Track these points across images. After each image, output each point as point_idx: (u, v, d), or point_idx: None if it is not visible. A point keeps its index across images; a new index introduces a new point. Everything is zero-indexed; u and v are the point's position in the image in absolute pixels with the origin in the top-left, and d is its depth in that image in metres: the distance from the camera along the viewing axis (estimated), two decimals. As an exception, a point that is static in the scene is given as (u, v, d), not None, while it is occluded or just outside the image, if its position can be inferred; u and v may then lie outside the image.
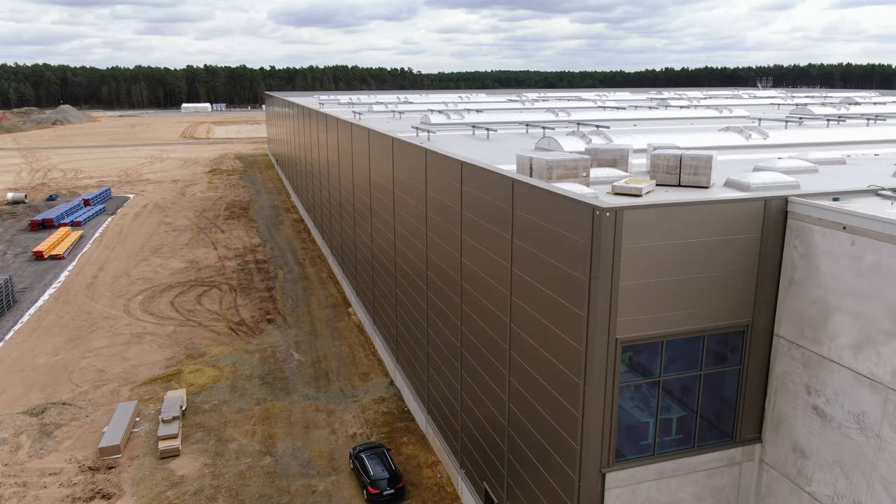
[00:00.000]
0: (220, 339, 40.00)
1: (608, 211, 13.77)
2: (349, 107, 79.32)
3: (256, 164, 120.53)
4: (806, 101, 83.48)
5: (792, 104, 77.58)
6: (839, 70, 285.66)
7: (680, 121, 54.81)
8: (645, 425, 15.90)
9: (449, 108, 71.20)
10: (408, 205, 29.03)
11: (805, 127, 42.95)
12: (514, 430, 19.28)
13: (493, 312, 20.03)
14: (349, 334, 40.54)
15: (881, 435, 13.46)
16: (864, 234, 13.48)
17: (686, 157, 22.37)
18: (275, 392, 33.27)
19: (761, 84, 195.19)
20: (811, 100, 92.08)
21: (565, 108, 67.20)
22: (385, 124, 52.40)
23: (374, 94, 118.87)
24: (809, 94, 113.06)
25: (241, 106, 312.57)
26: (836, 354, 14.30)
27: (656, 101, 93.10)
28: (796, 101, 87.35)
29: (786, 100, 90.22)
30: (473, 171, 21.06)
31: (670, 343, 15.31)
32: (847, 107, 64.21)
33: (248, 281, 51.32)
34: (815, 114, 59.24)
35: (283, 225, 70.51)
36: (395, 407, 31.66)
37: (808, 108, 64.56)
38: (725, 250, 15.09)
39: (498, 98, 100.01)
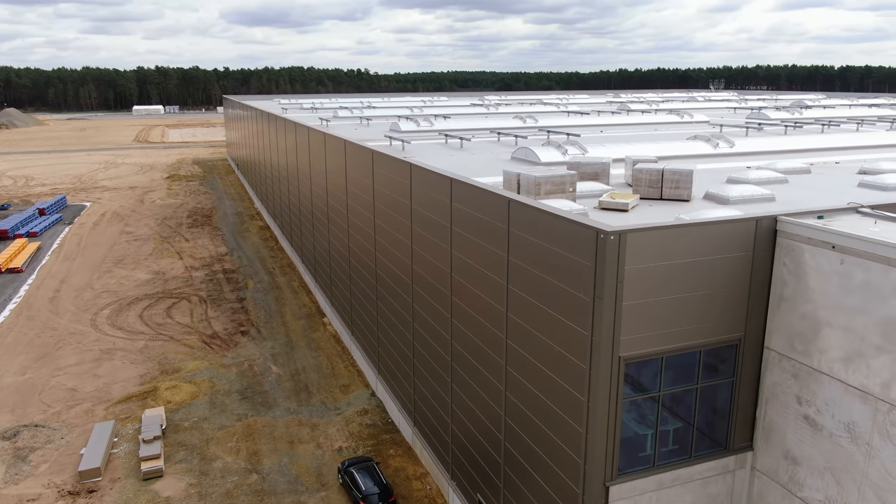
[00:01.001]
0: (194, 354, 39.39)
1: (612, 234, 14.19)
2: (312, 112, 78.81)
3: (216, 169, 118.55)
4: (760, 105, 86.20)
5: (747, 108, 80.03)
6: (785, 71, 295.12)
7: (644, 126, 56.08)
8: (644, 438, 16.40)
9: (415, 114, 71.36)
10: (390, 218, 29.13)
11: (766, 134, 44.45)
12: (511, 444, 19.61)
13: (488, 328, 20.32)
14: (326, 345, 40.37)
15: (871, 443, 14.20)
16: (853, 253, 14.20)
17: (667, 172, 23.05)
18: (256, 407, 32.97)
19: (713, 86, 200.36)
20: (764, 103, 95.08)
21: (531, 112, 67.98)
22: (354, 132, 52.33)
23: (334, 97, 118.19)
24: (761, 96, 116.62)
25: (194, 108, 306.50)
26: (827, 367, 15.01)
27: (616, 104, 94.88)
28: (750, 104, 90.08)
29: (740, 103, 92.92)
30: (464, 189, 21.31)
31: (669, 359, 15.84)
32: (800, 111, 66.57)
33: (217, 292, 50.59)
34: (771, 118, 61.24)
35: (248, 233, 69.63)
36: (378, 419, 31.71)
37: (763, 112, 66.70)
38: (720, 268, 15.69)
39: (461, 102, 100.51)
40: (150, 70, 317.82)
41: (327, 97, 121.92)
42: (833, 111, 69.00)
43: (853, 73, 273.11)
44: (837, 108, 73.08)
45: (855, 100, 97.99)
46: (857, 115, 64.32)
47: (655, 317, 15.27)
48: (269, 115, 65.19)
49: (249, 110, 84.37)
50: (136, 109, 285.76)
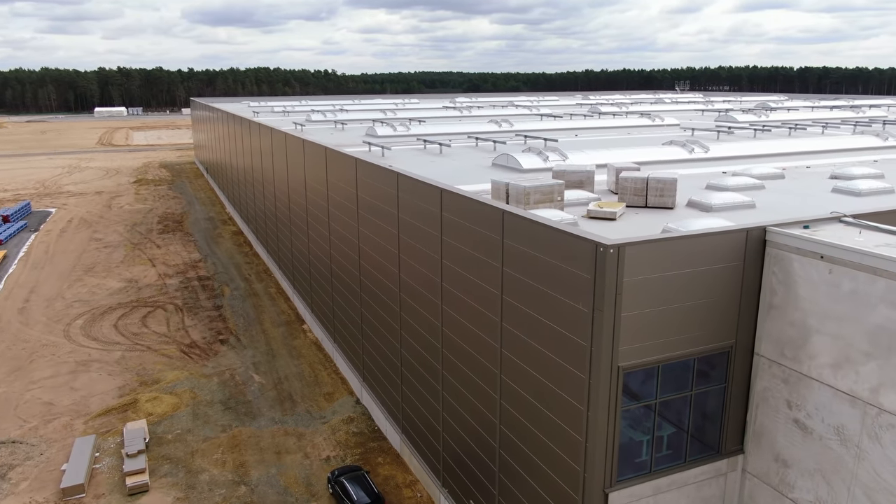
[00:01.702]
0: (173, 364, 38.87)
1: (612, 248, 14.50)
2: (284, 115, 78.24)
3: (184, 172, 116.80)
4: (727, 107, 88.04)
5: (714, 110, 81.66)
6: (746, 72, 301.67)
7: (617, 130, 56.90)
8: (641, 444, 16.77)
9: (389, 118, 71.33)
10: (375, 226, 29.16)
11: (737, 138, 45.51)
12: (506, 451, 19.85)
13: (481, 337, 20.53)
14: (307, 353, 40.18)
15: (861, 445, 14.76)
16: (840, 263, 14.74)
17: (652, 181, 23.54)
18: (240, 417, 32.70)
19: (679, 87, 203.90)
20: (730, 104, 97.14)
21: (505, 116, 68.49)
22: (330, 136, 52.14)
23: (304, 99, 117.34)
24: (726, 97, 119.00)
25: (158, 110, 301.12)
26: (816, 372, 15.55)
27: (587, 106, 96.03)
28: (716, 105, 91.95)
29: (706, 105, 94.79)
30: (455, 199, 21.49)
31: (664, 367, 16.23)
32: (766, 113, 68.19)
33: (193, 300, 49.96)
34: (739, 121, 62.70)
35: (222, 238, 68.82)
36: (365, 427, 31.71)
37: (730, 114, 68.21)
38: (712, 278, 16.13)
39: (433, 104, 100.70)
40: (112, 71, 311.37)
41: (297, 99, 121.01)
42: (797, 113, 70.85)
43: (812, 74, 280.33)
44: (801, 111, 75.10)
45: (816, 101, 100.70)
46: (820, 118, 66.15)
47: (652, 327, 15.63)
48: (242, 119, 64.54)
49: (219, 113, 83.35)
50: (97, 111, 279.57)
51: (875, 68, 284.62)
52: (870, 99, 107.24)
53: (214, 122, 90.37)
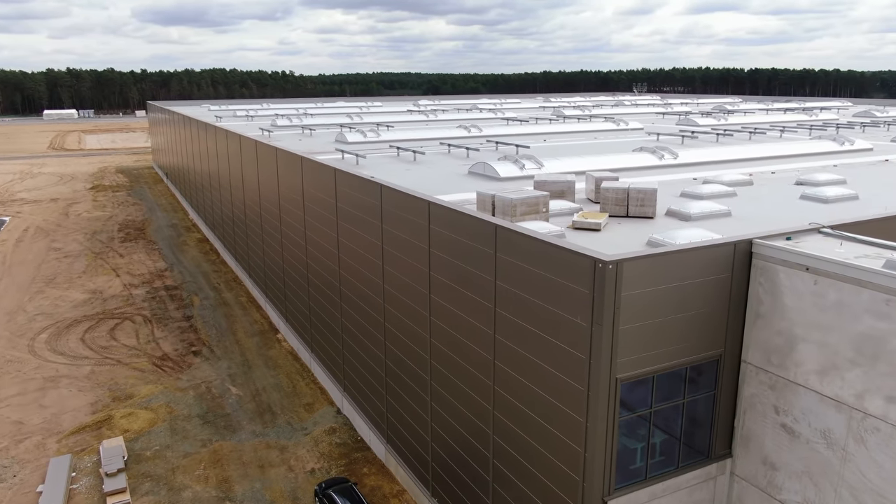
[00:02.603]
0: (145, 378, 38.13)
1: (611, 264, 14.90)
2: (248, 120, 77.35)
3: (143, 178, 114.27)
4: (686, 110, 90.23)
5: (674, 113, 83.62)
6: (700, 73, 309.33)
7: (585, 134, 57.85)
8: (636, 452, 17.25)
9: (355, 122, 71.15)
10: (357, 237, 29.16)
11: (703, 144, 46.78)
12: (501, 461, 20.14)
13: (473, 349, 20.77)
14: (284, 363, 39.86)
15: (847, 448, 15.47)
16: (825, 274, 15.42)
17: (632, 191, 24.13)
18: (219, 431, 32.29)
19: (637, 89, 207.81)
20: (688, 107, 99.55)
21: (473, 120, 68.98)
22: (299, 142, 51.84)
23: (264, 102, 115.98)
24: (683, 100, 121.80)
25: (111, 112, 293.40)
26: (803, 379, 16.23)
27: (549, 109, 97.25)
28: (675, 108, 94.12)
29: (666, 108, 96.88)
30: (444, 212, 21.69)
31: (659, 377, 16.72)
32: (725, 117, 70.10)
33: (162, 310, 49.04)
34: (700, 125, 64.39)
35: (187, 246, 67.63)
36: (348, 437, 31.66)
37: (690, 118, 70.00)
38: (703, 289, 16.69)
39: (396, 107, 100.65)
40: (61, 72, 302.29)
41: (257, 103, 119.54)
42: (754, 117, 73.04)
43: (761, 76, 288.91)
44: (757, 114, 77.45)
45: (770, 104, 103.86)
46: (777, 122, 68.35)
47: (648, 338, 16.10)
48: (207, 125, 63.55)
49: (180, 118, 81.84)
50: (46, 114, 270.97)
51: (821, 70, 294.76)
52: (819, 101, 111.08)
53: (175, 127, 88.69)
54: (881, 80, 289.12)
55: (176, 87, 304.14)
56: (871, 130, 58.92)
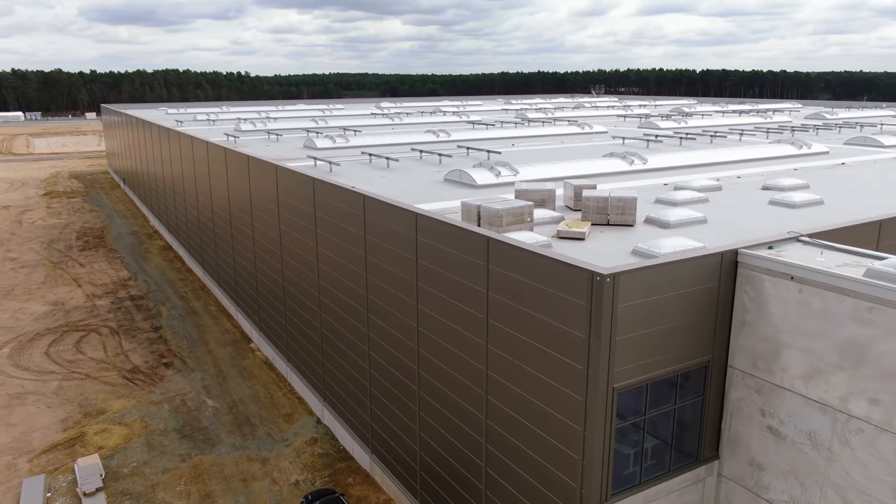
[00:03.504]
0: (117, 392, 37.31)
1: (608, 277, 15.31)
2: (210, 124, 76.15)
3: (98, 183, 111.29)
4: (645, 112, 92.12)
5: (634, 115, 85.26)
6: (653, 75, 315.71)
7: (552, 139, 58.61)
8: (630, 457, 17.72)
9: (321, 126, 70.68)
10: (338, 247, 29.10)
11: (669, 148, 47.94)
12: (494, 469, 20.41)
13: (465, 360, 20.99)
14: (259, 373, 39.46)
15: (832, 449, 16.19)
16: (810, 283, 16.12)
17: (613, 199, 24.70)
18: (198, 445, 31.82)
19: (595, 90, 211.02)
20: (646, 109, 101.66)
21: (440, 123, 69.26)
22: (266, 148, 51.34)
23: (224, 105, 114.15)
24: (640, 101, 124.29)
25: (60, 114, 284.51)
26: (789, 383, 16.92)
27: (512, 111, 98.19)
28: (635, 111, 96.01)
29: (625, 110, 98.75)
30: (432, 224, 21.87)
31: (652, 384, 17.22)
32: (685, 119, 71.87)
33: (128, 321, 47.99)
34: (661, 128, 65.89)
35: (150, 254, 66.22)
36: (330, 447, 31.55)
37: (651, 120, 71.58)
38: (692, 298, 17.25)
39: (359, 110, 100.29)
40: (6, 73, 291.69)
41: (216, 105, 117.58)
42: (711, 119, 75.07)
43: (713, 77, 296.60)
44: (714, 116, 79.62)
45: (724, 105, 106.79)
46: (735, 124, 70.36)
47: (642, 347, 16.58)
48: (170, 130, 62.36)
49: (139, 122, 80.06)
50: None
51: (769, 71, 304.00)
52: (771, 103, 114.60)
53: (132, 131, 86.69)
54: (825, 80, 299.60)
55: (128, 89, 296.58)
56: (824, 133, 61.19)
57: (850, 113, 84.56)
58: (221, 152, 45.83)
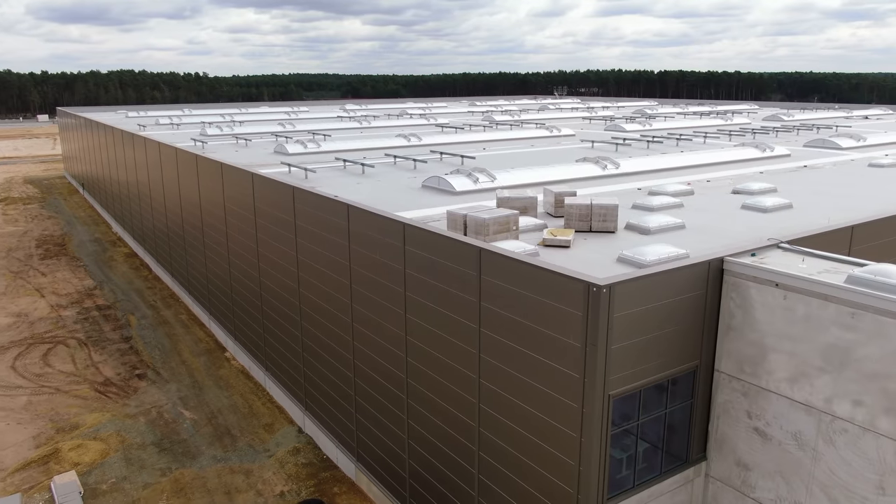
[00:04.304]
0: (89, 405, 36.52)
1: (605, 288, 15.69)
2: (174, 129, 74.87)
3: (55, 188, 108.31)
4: (609, 114, 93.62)
5: (599, 118, 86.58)
6: (613, 75, 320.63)
7: (522, 142, 59.18)
8: (624, 462, 18.16)
9: (289, 130, 70.08)
10: (320, 256, 29.02)
11: (637, 151, 48.89)
12: (488, 476, 20.67)
13: (456, 368, 21.20)
14: (236, 382, 39.04)
15: (817, 448, 16.87)
16: (794, 290, 16.76)
17: (595, 207, 25.20)
18: (178, 458, 31.37)
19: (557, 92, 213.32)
20: (609, 111, 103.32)
21: (410, 126, 69.29)
22: (235, 153, 50.80)
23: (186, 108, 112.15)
24: (603, 103, 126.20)
25: (9, 117, 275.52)
26: (774, 386, 17.55)
27: (478, 113, 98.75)
28: (599, 113, 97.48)
29: (589, 112, 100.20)
30: (421, 234, 22.03)
31: (645, 390, 17.68)
32: (649, 122, 73.28)
33: (97, 332, 46.95)
34: (627, 130, 67.05)
35: (115, 262, 64.81)
36: (313, 457, 31.43)
37: (616, 123, 72.80)
38: (681, 306, 17.76)
39: (325, 113, 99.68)
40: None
41: (177, 108, 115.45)
42: (675, 121, 76.71)
43: (670, 78, 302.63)
44: (676, 118, 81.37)
45: (684, 107, 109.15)
46: (699, 126, 71.98)
47: (636, 355, 17.02)
48: (134, 135, 61.13)
49: (99, 126, 78.23)
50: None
51: (723, 72, 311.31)
52: (728, 104, 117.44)
53: (93, 135, 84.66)
54: (778, 81, 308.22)
55: (81, 90, 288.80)
56: (783, 135, 63.08)
57: (806, 115, 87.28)
58: (192, 159, 45.17)
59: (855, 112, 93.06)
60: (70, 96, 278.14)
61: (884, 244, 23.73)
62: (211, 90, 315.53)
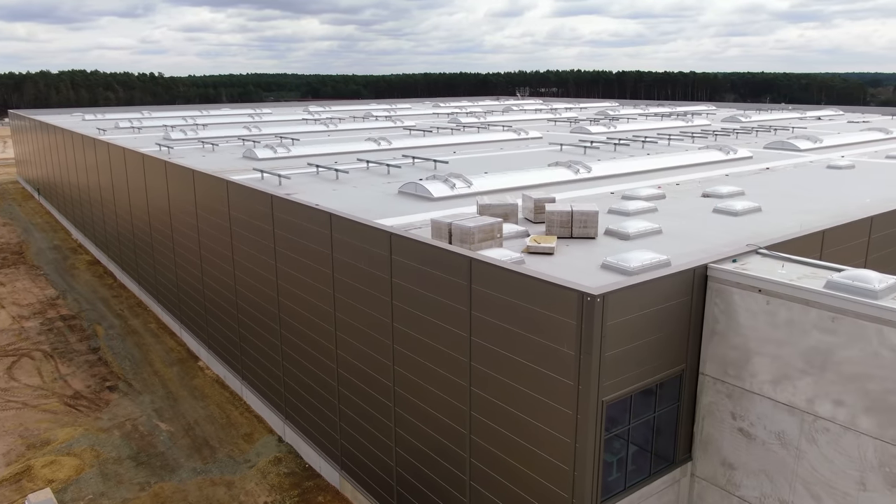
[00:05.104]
0: (60, 420, 35.66)
1: (599, 297, 16.09)
2: (136, 132, 73.40)
3: (8, 193, 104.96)
4: (573, 115, 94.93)
5: (564, 119, 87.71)
6: (572, 76, 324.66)
7: (491, 145, 59.62)
8: (617, 465, 18.62)
9: (255, 134, 69.30)
10: (301, 265, 28.90)
11: (605, 154, 49.79)
12: (479, 483, 20.93)
13: (445, 376, 21.40)
14: (212, 392, 38.55)
15: (799, 447, 17.56)
16: (776, 295, 17.42)
17: (576, 213, 25.71)
18: (157, 472, 30.88)
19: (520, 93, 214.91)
20: (572, 112, 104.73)
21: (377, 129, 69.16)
22: (203, 159, 50.15)
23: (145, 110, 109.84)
24: (566, 104, 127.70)
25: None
26: (758, 387, 18.21)
27: (443, 115, 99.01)
28: (563, 114, 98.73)
29: (553, 113, 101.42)
30: (408, 244, 22.17)
31: (635, 395, 18.16)
32: (613, 124, 74.52)
33: (62, 343, 45.80)
34: (592, 132, 68.12)
35: (77, 270, 63.20)
36: (295, 466, 31.27)
37: (581, 125, 73.87)
38: (669, 312, 18.30)
39: (289, 115, 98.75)
40: None
41: (135, 110, 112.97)
42: (637, 123, 78.20)
43: (628, 78, 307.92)
44: (639, 120, 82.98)
45: (645, 108, 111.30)
46: (662, 128, 73.50)
47: (627, 361, 17.48)
48: (96, 140, 59.72)
49: (58, 131, 76.16)
50: None
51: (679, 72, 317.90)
52: (686, 105, 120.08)
53: (50, 139, 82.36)
54: (731, 81, 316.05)
55: (31, 90, 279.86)
56: (743, 137, 64.88)
57: (762, 116, 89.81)
58: (160, 165, 44.40)
59: (808, 113, 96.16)
60: (19, 97, 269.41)
61: (852, 247, 24.75)
62: (167, 90, 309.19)
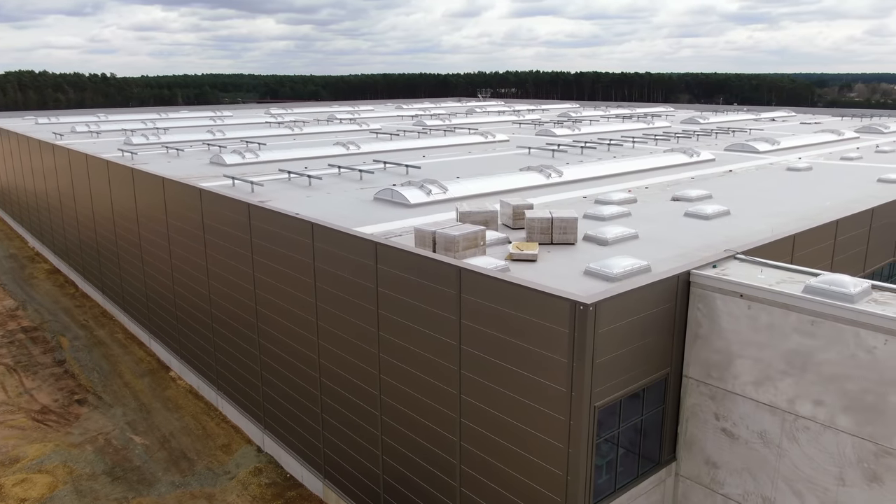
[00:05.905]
0: (28, 436, 34.72)
1: (591, 306, 16.51)
2: (94, 137, 71.66)
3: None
4: (535, 117, 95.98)
5: (528, 121, 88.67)
6: (531, 76, 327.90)
7: (460, 148, 59.96)
8: (607, 468, 19.10)
9: (219, 138, 68.35)
10: (280, 273, 28.75)
11: (573, 157, 50.59)
12: (469, 489, 21.19)
13: (434, 384, 21.60)
14: (186, 403, 37.98)
15: (781, 446, 18.29)
16: (758, 300, 18.11)
17: (556, 220, 26.18)
18: (134, 487, 30.34)
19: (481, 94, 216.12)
20: (535, 114, 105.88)
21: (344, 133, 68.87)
22: (168, 164, 49.32)
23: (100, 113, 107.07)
24: (527, 106, 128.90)
25: None
26: (740, 389, 18.89)
27: (407, 117, 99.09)
28: (526, 116, 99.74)
29: (517, 115, 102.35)
30: (395, 253, 22.30)
31: (624, 400, 18.66)
32: (578, 126, 75.62)
33: (26, 356, 44.52)
34: (557, 135, 69.06)
35: (36, 279, 61.41)
36: (276, 476, 31.07)
37: (545, 127, 74.78)
38: (655, 318, 18.85)
39: (253, 118, 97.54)
40: None
41: (90, 114, 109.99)
42: (600, 125, 79.48)
43: (586, 79, 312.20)
44: (601, 122, 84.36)
45: (605, 110, 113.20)
46: (624, 130, 74.87)
47: (617, 366, 17.95)
48: (56, 146, 58.14)
49: (12, 136, 73.84)
50: None
51: (635, 73, 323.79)
52: (645, 106, 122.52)
53: (2, 145, 79.78)
54: (685, 82, 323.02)
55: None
56: (704, 139, 66.56)
57: (719, 117, 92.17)
58: (127, 172, 43.53)
59: (762, 114, 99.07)
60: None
61: (819, 249, 25.78)
62: (119, 91, 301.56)
